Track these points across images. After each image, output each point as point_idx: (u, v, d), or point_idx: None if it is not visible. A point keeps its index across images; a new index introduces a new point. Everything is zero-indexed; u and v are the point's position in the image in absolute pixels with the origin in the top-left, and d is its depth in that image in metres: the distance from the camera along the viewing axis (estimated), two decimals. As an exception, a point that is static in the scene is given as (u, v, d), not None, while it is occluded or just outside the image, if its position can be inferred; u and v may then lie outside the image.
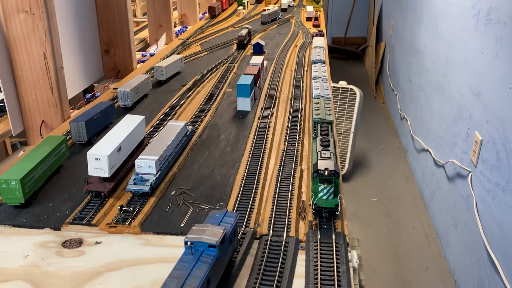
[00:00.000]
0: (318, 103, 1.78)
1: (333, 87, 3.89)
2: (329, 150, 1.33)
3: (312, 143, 1.52)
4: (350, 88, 3.94)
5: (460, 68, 2.96)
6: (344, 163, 4.00)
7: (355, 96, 3.91)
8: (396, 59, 5.15)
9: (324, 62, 2.36)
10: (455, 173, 2.90)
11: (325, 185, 1.18)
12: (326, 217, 1.18)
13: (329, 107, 1.74)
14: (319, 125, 1.58)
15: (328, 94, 1.88)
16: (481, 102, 2.55)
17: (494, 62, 2.40)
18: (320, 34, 3.06)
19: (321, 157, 1.29)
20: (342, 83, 3.96)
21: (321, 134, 1.49)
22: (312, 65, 2.33)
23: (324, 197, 1.18)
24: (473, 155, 2.59)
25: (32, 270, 1.08)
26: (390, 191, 3.90)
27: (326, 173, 1.19)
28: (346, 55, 7.41)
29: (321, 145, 1.37)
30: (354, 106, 3.91)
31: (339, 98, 3.94)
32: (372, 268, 3.03)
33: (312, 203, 1.18)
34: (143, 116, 1.57)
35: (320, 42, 2.76)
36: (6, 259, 1.12)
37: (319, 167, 1.22)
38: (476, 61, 2.66)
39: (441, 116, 3.30)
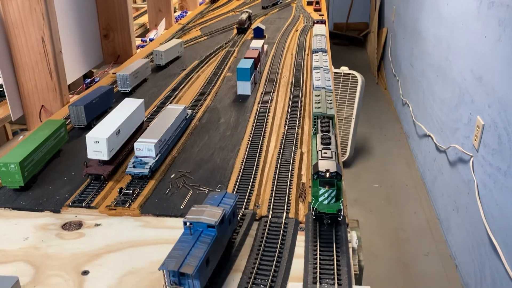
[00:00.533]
0: (319, 95, 1.66)
1: (335, 72, 3.87)
2: (330, 149, 1.23)
3: (312, 140, 1.43)
4: (352, 74, 3.91)
5: (462, 52, 2.93)
6: (346, 149, 3.99)
7: (357, 82, 3.89)
8: (398, 44, 5.12)
9: (325, 51, 2.25)
10: (457, 158, 2.90)
11: (326, 188, 1.09)
12: (328, 223, 1.09)
13: (331, 100, 1.61)
14: (319, 120, 1.46)
15: (330, 86, 1.75)
16: (483, 86, 2.53)
17: (497, 45, 2.37)
18: (321, 21, 2.95)
19: (321, 157, 1.19)
20: (344, 69, 3.94)
21: (321, 131, 1.38)
22: (313, 54, 2.22)
23: (325, 202, 1.08)
24: (475, 140, 2.58)
25: (32, 252, 1.09)
26: (391, 177, 3.90)
27: (327, 175, 1.10)
28: (348, 41, 7.36)
29: (322, 143, 1.28)
30: (355, 92, 3.89)
31: (340, 84, 3.92)
32: (374, 253, 3.04)
33: (312, 208, 1.09)
34: (142, 100, 1.56)
35: (321, 30, 2.66)
36: (6, 241, 1.13)
37: (319, 169, 1.12)
38: (479, 44, 2.63)
39: (443, 101, 3.28)
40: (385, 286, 2.77)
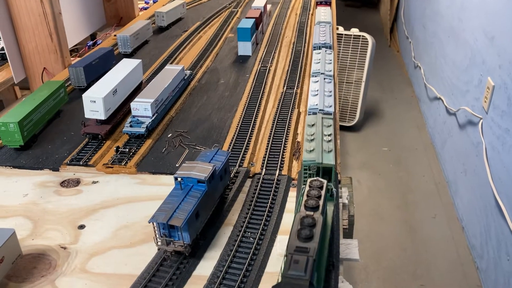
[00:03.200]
0: (313, 124, 1.05)
1: (345, 34, 3.78)
2: (307, 253, 0.66)
3: (295, 208, 0.90)
4: (362, 36, 3.82)
5: (475, 11, 2.84)
6: (355, 113, 3.95)
7: (367, 44, 3.80)
8: (411, 5, 4.96)
9: (330, 47, 1.63)
10: (466, 121, 2.85)
11: None
12: None
13: (331, 135, 1.01)
14: (308, 181, 0.85)
15: (331, 106, 1.19)
16: (494, 47, 2.46)
17: (509, 3, 2.29)
18: (325, 2, 2.22)
19: (288, 270, 0.64)
20: (354, 31, 3.84)
21: (305, 205, 0.77)
22: (314, 51, 1.63)
23: None
24: (485, 101, 2.52)
25: (31, 207, 1.12)
26: (401, 140, 3.87)
27: None
28: (361, 2, 7.16)
29: (298, 236, 0.69)
30: (366, 55, 3.81)
31: (350, 46, 3.84)
32: (381, 216, 3.06)
33: None
34: (140, 60, 1.56)
35: (326, 15, 1.92)
36: (7, 197, 1.16)
37: None
38: (491, 3, 2.54)
39: (454, 63, 3.20)
40: (391, 248, 2.80)
